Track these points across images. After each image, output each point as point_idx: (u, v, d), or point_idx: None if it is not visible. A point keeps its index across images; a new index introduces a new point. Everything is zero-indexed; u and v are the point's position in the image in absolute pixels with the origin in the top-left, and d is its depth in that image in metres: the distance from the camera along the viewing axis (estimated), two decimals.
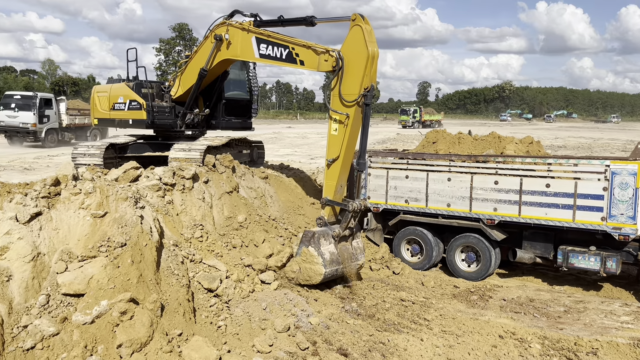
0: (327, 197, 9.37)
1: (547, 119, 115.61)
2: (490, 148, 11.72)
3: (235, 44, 11.03)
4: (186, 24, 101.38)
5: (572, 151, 26.18)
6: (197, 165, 10.46)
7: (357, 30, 8.94)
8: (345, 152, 9.26)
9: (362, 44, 8.83)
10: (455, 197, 10.50)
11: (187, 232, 8.63)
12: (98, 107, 13.27)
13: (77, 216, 7.28)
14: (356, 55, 8.96)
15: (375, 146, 28.72)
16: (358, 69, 8.96)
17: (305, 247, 8.91)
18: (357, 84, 9.00)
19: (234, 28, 10.94)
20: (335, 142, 9.31)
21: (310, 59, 9.78)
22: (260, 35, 10.48)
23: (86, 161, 12.25)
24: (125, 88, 12.74)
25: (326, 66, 9.41)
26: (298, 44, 9.82)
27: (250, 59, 11.38)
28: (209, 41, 11.56)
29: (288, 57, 10.05)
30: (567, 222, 9.44)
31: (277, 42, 10.21)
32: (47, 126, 32.00)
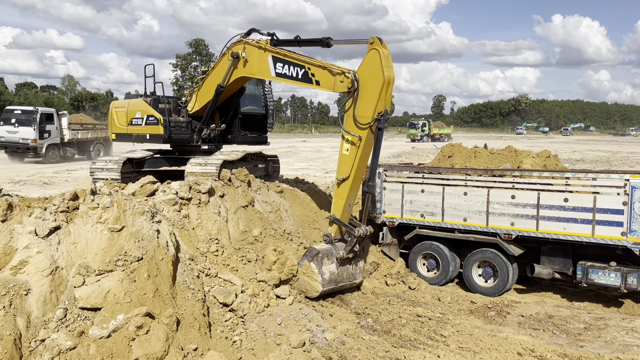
0: (335, 214, 9.51)
1: (564, 132, 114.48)
2: (507, 162, 11.63)
3: (251, 62, 11.13)
4: (202, 40, 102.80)
5: (590, 165, 25.84)
6: (213, 180, 10.52)
7: (374, 55, 8.92)
8: (355, 172, 9.33)
9: (379, 69, 8.83)
10: (472, 211, 10.41)
11: (203, 246, 8.66)
12: (116, 122, 13.42)
13: (94, 230, 7.36)
14: (372, 79, 8.96)
15: (390, 160, 28.67)
16: (373, 92, 8.96)
17: (308, 261, 9.09)
18: (372, 108, 9.01)
19: (250, 46, 11.04)
20: (347, 162, 9.37)
21: (326, 79, 9.82)
22: (276, 54, 10.56)
23: (104, 176, 12.37)
24: (143, 103, 12.89)
25: (341, 87, 9.42)
26: (314, 64, 9.88)
27: (267, 77, 11.44)
28: (225, 58, 11.69)
29: (304, 77, 10.11)
30: (586, 237, 9.29)
31: (294, 61, 10.28)
32: (48, 142, 31.19)
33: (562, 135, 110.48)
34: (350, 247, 9.42)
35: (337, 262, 9.33)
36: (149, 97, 13.06)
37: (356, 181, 9.45)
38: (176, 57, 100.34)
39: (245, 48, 11.14)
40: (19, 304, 6.26)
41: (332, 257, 9.29)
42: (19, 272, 6.53)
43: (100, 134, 35.36)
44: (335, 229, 9.59)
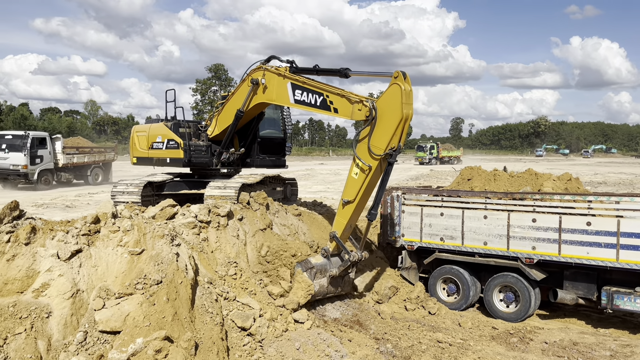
0: (335, 232, 9.67)
1: (585, 154, 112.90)
2: (527, 185, 11.51)
3: (271, 89, 11.28)
4: (222, 65, 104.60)
5: (612, 188, 25.40)
6: (232, 203, 10.59)
7: (395, 90, 8.90)
8: (360, 198, 9.43)
9: (398, 105, 8.81)
10: (492, 235, 10.29)
11: (222, 270, 8.68)
12: (137, 146, 13.62)
13: (115, 253, 7.43)
14: (390, 114, 8.97)
15: (408, 182, 28.56)
16: (390, 126, 8.97)
17: (302, 270, 9.33)
18: (386, 141, 9.02)
19: (270, 73, 11.20)
20: (354, 185, 9.44)
21: (344, 107, 9.86)
22: (295, 81, 10.69)
23: (125, 199, 12.52)
24: (164, 128, 13.08)
25: (359, 115, 9.46)
26: (332, 91, 9.96)
27: (285, 104, 11.56)
28: (245, 84, 11.87)
29: (322, 104, 10.18)
30: (611, 262, 9.10)
31: (312, 88, 10.39)
32: (41, 167, 29.51)
33: (582, 157, 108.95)
34: (343, 268, 9.67)
35: (328, 278, 9.60)
36: (170, 122, 13.26)
37: (360, 205, 9.60)
38: (196, 82, 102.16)
39: (264, 74, 11.30)
40: (40, 327, 6.31)
41: (325, 273, 9.56)
42: (41, 295, 6.60)
43: (99, 158, 34.26)
44: (334, 245, 9.75)
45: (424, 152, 71.74)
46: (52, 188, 30.11)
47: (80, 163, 32.47)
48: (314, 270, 9.42)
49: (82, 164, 32.62)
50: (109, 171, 34.80)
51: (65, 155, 31.11)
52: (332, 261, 9.74)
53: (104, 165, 34.54)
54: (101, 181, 34.08)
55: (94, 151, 34.40)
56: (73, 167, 32.13)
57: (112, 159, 35.44)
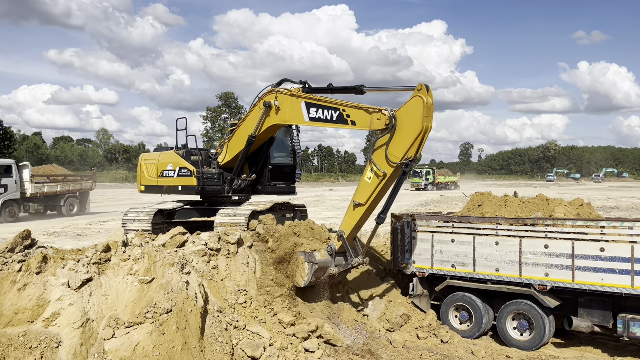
0: (343, 231, 9.98)
1: (596, 178, 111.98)
2: (538, 210, 11.41)
3: (284, 109, 11.40)
4: (232, 93, 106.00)
5: (625, 212, 25.12)
6: (242, 230, 10.59)
7: (417, 102, 9.09)
8: (371, 202, 9.74)
9: (419, 117, 9.02)
10: (504, 261, 10.17)
11: (231, 298, 8.63)
12: (145, 174, 13.69)
13: (125, 282, 7.43)
14: (410, 125, 9.16)
15: (418, 208, 28.44)
16: (409, 137, 9.16)
17: (305, 260, 9.61)
18: (403, 150, 9.21)
19: (282, 95, 11.35)
20: (366, 189, 9.71)
21: (362, 118, 10.08)
22: (309, 99, 10.84)
23: (135, 227, 12.57)
24: (175, 156, 13.18)
25: (378, 124, 9.65)
26: (349, 105, 10.21)
27: (300, 123, 11.69)
28: (257, 108, 11.99)
29: (339, 119, 10.42)
30: (626, 289, 8.94)
31: (328, 105, 10.56)
32: (4, 197, 26.84)
33: (593, 181, 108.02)
34: (343, 270, 10.11)
35: (327, 275, 9.94)
36: (181, 150, 13.37)
37: (370, 209, 9.86)
38: (206, 110, 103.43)
39: (277, 97, 11.44)
40: (49, 357, 6.29)
41: (325, 270, 9.86)
42: (51, 324, 6.60)
43: (74, 186, 31.12)
44: (340, 243, 10.01)
45: (419, 177, 69.33)
46: (19, 220, 27.45)
47: (52, 192, 29.58)
48: (315, 266, 9.69)
49: (54, 193, 29.74)
50: (85, 201, 31.91)
51: (34, 184, 28.38)
52: (334, 260, 10.01)
53: (80, 194, 31.58)
54: (77, 212, 31.17)
55: (68, 179, 31.31)
56: (43, 197, 29.37)
57: (89, 187, 32.52)
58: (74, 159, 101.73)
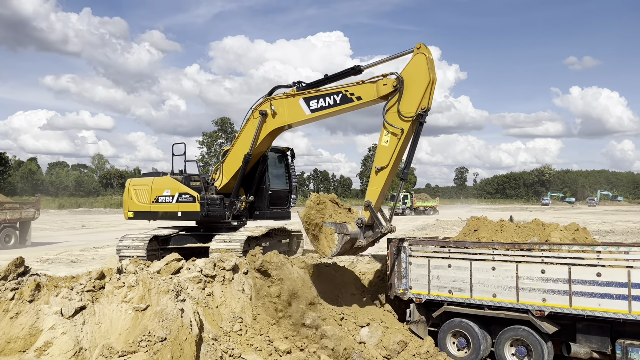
0: (370, 200, 10.15)
1: (590, 202, 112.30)
2: (534, 235, 11.41)
3: (281, 112, 11.59)
4: (228, 118, 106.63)
5: (621, 237, 25.15)
6: (237, 256, 10.53)
7: (421, 58, 9.89)
8: (394, 162, 10.07)
9: (425, 70, 9.85)
10: (501, 287, 10.12)
11: (227, 325, 8.54)
12: (135, 200, 13.45)
13: (119, 310, 7.35)
14: (418, 79, 9.94)
15: (414, 233, 28.38)
16: (418, 91, 9.89)
17: (336, 232, 9.71)
18: (416, 104, 9.90)
19: (277, 100, 11.54)
20: (386, 152, 10.09)
21: (367, 91, 10.55)
22: (307, 94, 11.02)
23: (130, 253, 12.50)
24: (172, 181, 13.10)
25: (386, 89, 10.24)
26: (350, 84, 10.74)
27: (301, 119, 11.73)
28: (250, 122, 12.10)
29: (343, 99, 10.87)
30: (624, 314, 8.89)
31: (328, 92, 10.95)
32: None
33: (587, 205, 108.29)
34: (372, 240, 10.34)
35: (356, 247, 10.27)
36: (179, 175, 13.32)
37: (393, 170, 10.21)
38: (202, 135, 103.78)
39: (272, 104, 11.63)
40: None
41: (354, 242, 10.08)
42: (43, 354, 6.49)
43: (11, 216, 27.18)
44: (368, 214, 10.20)
45: None
46: None
47: None
48: (346, 238, 9.85)
49: None
50: (26, 231, 27.92)
51: None
52: (363, 233, 10.23)
53: (20, 224, 27.73)
54: (14, 244, 27.27)
55: (5, 207, 27.26)
56: None
57: (31, 216, 28.34)
58: (69, 185, 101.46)
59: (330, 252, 9.63)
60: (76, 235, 33.52)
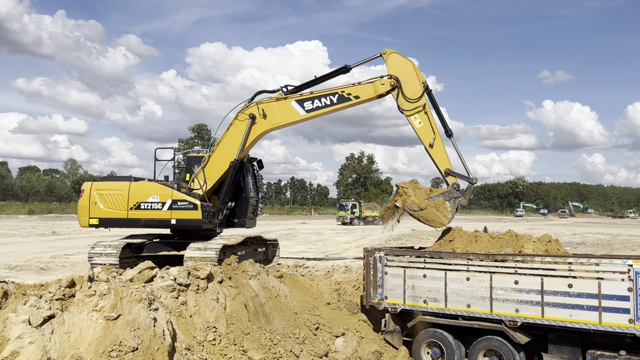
0: (447, 168, 11.90)
1: (562, 214, 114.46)
2: (508, 246, 11.55)
3: (272, 114, 11.97)
4: (205, 125, 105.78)
5: (591, 248, 25.64)
6: (212, 265, 10.41)
7: (395, 55, 12.35)
8: (436, 130, 12.12)
9: (404, 60, 12.36)
10: (475, 297, 10.21)
11: (200, 335, 8.42)
12: (100, 206, 12.55)
13: (89, 319, 7.18)
14: (404, 69, 12.30)
15: (390, 243, 28.49)
16: (411, 75, 12.21)
17: (445, 200, 11.16)
18: (416, 84, 12.22)
19: (265, 103, 11.82)
20: (426, 129, 12.13)
21: (364, 90, 12.15)
22: (300, 96, 11.51)
23: (102, 261, 12.21)
24: (161, 187, 12.54)
25: (384, 88, 12.19)
26: (346, 85, 11.79)
27: (296, 119, 12.44)
28: (234, 127, 12.16)
29: (340, 99, 12.35)
30: (594, 325, 9.04)
31: (323, 93, 11.90)
32: None
33: (559, 217, 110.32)
34: (468, 195, 12.02)
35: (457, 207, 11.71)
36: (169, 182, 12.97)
37: (438, 137, 12.13)
38: (179, 142, 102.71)
39: (259, 107, 11.92)
40: None
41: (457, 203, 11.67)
42: None
43: None
44: (453, 178, 11.91)
45: (345, 211, 64.57)
46: None
47: None
48: (456, 201, 11.37)
49: None
50: None
51: None
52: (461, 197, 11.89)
53: None
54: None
55: None
56: None
57: None
58: (41, 190, 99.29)
59: (447, 219, 11.11)
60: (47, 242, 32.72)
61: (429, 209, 11.18)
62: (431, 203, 11.24)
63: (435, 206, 11.15)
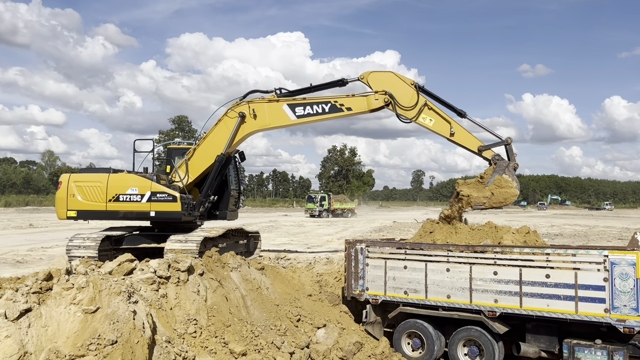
0: (479, 146, 11.86)
1: (540, 206, 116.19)
2: (488, 238, 11.68)
3: (262, 115, 11.89)
4: (185, 117, 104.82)
5: (568, 239, 26.10)
6: (193, 257, 10.34)
7: (373, 74, 12.26)
8: (449, 117, 12.12)
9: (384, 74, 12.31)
10: (455, 288, 10.32)
11: (181, 327, 8.36)
12: (78, 198, 12.39)
13: (67, 312, 7.08)
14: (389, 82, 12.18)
15: (372, 235, 28.63)
16: (398, 84, 12.16)
17: (500, 175, 11.13)
18: (407, 89, 12.14)
19: (257, 103, 11.73)
20: (438, 123, 12.05)
21: (358, 103, 12.06)
22: (291, 101, 11.43)
23: (81, 253, 12.05)
24: (140, 179, 12.40)
25: (377, 104, 12.14)
26: (340, 96, 11.81)
27: (285, 124, 12.41)
28: (222, 123, 12.07)
29: (332, 109, 12.13)
30: (570, 315, 9.21)
31: (316, 101, 11.82)
32: None
33: (537, 209, 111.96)
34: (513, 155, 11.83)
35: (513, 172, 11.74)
36: (148, 173, 12.85)
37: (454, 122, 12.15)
38: (159, 133, 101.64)
39: (250, 106, 11.85)
40: None
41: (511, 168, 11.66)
42: None
43: None
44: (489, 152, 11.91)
45: (313, 203, 63.75)
46: None
47: None
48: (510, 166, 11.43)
49: None
50: None
51: None
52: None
53: None
54: None
55: None
56: None
57: None
58: (17, 182, 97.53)
59: (515, 188, 11.17)
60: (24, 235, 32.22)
61: (495, 193, 11.18)
62: (492, 186, 11.23)
63: (498, 186, 11.14)
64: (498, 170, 11.45)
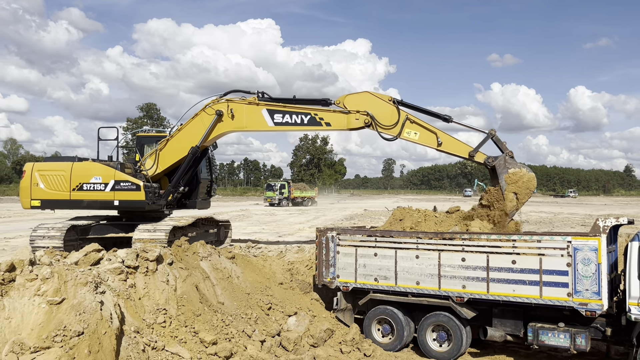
0: (469, 151, 11.80)
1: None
2: (456, 225, 11.87)
3: (239, 117, 11.70)
4: (154, 104, 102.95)
5: (534, 226, 26.72)
6: (162, 246, 10.21)
7: (349, 97, 12.06)
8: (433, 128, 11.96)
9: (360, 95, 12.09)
10: (424, 274, 10.47)
11: (150, 317, 8.27)
12: (42, 187, 12.16)
13: (31, 304, 6.92)
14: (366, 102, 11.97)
15: (343, 222, 28.76)
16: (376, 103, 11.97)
17: (506, 173, 11.16)
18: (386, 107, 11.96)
19: (237, 103, 11.51)
20: (424, 135, 11.92)
21: (338, 119, 11.83)
22: (272, 107, 11.26)
23: (45, 244, 11.74)
24: (104, 167, 12.16)
25: (358, 123, 11.90)
26: (321, 110, 11.47)
27: (262, 129, 12.20)
28: (199, 118, 11.89)
29: (311, 122, 11.78)
30: (535, 299, 9.46)
31: (296, 110, 11.53)
32: None
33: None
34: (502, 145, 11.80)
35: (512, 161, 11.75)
36: (112, 162, 12.60)
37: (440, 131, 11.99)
38: (127, 121, 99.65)
39: (229, 106, 11.64)
40: None
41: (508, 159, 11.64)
42: None
43: None
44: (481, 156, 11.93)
45: (273, 191, 61.84)
46: None
47: None
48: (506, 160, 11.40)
49: None
50: None
51: None
52: None
53: None
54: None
55: None
56: None
57: None
58: None
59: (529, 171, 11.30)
60: None
61: (517, 191, 11.18)
62: (509, 188, 11.18)
63: (513, 182, 11.15)
64: (501, 170, 11.40)
